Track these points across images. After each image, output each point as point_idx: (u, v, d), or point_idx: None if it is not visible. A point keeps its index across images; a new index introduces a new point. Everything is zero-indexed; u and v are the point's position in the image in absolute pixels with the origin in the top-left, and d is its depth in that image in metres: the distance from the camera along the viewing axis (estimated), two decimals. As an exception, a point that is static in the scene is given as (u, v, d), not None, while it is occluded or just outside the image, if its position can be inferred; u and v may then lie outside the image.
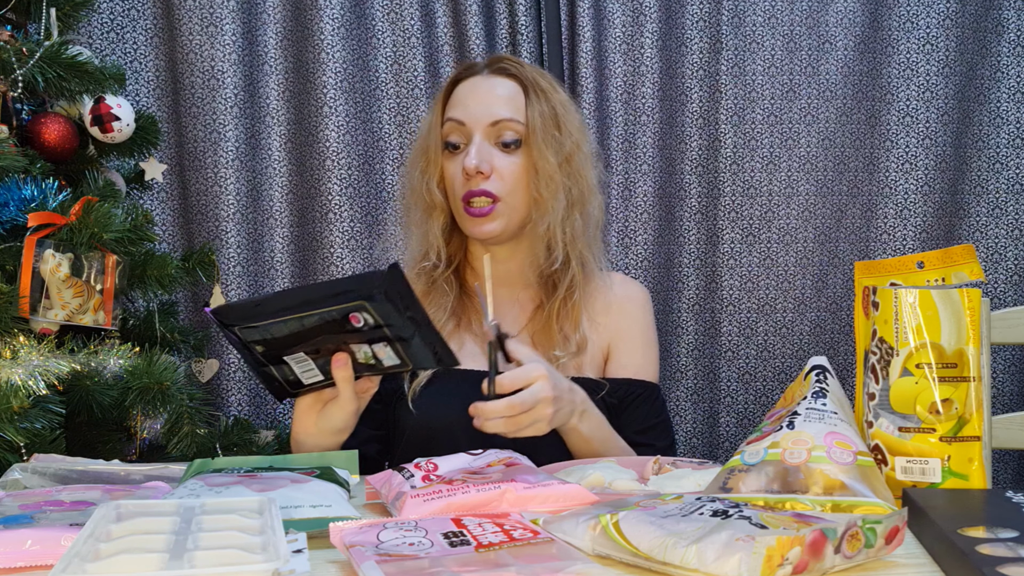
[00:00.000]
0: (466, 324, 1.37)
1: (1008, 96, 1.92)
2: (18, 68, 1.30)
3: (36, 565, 0.76)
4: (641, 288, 1.47)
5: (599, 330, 1.38)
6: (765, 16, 1.93)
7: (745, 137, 1.94)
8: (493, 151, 1.31)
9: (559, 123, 1.34)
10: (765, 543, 0.67)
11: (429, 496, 0.87)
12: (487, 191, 1.30)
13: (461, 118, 1.32)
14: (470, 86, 1.34)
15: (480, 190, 1.30)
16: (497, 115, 1.31)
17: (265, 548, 0.68)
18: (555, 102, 1.35)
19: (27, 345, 1.21)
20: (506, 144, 1.31)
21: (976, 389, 0.93)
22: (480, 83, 1.34)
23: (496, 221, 1.32)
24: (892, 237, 1.94)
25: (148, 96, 1.84)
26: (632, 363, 1.39)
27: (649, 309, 1.45)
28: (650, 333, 1.44)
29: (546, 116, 1.33)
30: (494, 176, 1.30)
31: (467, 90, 1.34)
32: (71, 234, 1.29)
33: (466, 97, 1.33)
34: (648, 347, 1.42)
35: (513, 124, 1.31)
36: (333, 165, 1.85)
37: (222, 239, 1.83)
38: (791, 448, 0.89)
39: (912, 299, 0.94)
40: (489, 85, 1.33)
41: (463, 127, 1.32)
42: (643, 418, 1.35)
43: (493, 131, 1.31)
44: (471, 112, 1.32)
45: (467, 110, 1.32)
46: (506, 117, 1.31)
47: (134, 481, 1.00)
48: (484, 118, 1.31)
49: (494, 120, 1.31)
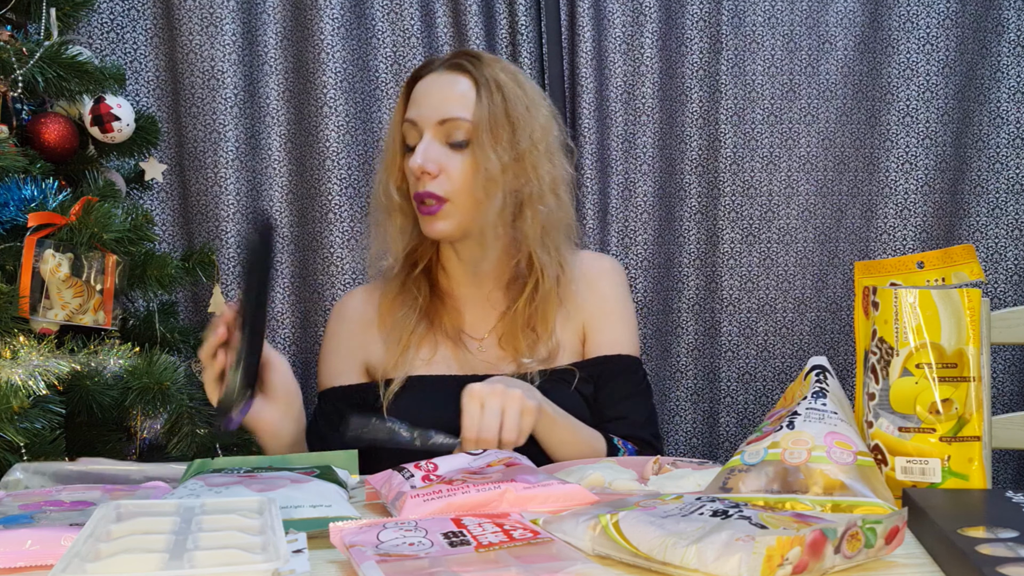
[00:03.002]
0: (439, 327, 1.35)
1: (1008, 96, 1.92)
2: (18, 68, 1.30)
3: (36, 565, 0.76)
4: (611, 261, 1.45)
5: (571, 315, 1.36)
6: (765, 16, 1.93)
7: (745, 137, 1.94)
8: (443, 151, 1.29)
9: (512, 120, 1.30)
10: (765, 543, 0.67)
11: (429, 496, 0.87)
12: (432, 193, 1.28)
13: (414, 118, 1.30)
14: (426, 85, 1.32)
15: (426, 192, 1.28)
16: (445, 113, 1.28)
17: (265, 548, 0.68)
18: (512, 97, 1.31)
19: (27, 345, 1.21)
20: (454, 144, 1.29)
21: (976, 389, 0.93)
22: (434, 81, 1.32)
23: (445, 221, 1.29)
24: (892, 237, 1.94)
25: (148, 96, 1.84)
26: (607, 339, 1.37)
27: (620, 280, 1.43)
28: (623, 304, 1.41)
29: (496, 114, 1.29)
30: (442, 176, 1.28)
31: (423, 89, 1.32)
32: (71, 234, 1.29)
33: (421, 96, 1.32)
34: (622, 319, 1.39)
35: (461, 123, 1.28)
36: (333, 165, 1.85)
37: (222, 239, 1.83)
38: (791, 448, 0.89)
39: (912, 299, 0.94)
40: (443, 82, 1.31)
41: (415, 127, 1.30)
42: (619, 390, 1.34)
43: (442, 130, 1.29)
44: (422, 111, 1.30)
45: (419, 109, 1.30)
46: (453, 116, 1.28)
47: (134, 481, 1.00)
48: (433, 116, 1.29)
49: (442, 119, 1.28)
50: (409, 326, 1.34)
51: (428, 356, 1.34)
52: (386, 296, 1.39)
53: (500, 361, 1.34)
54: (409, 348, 1.33)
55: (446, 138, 1.29)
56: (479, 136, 1.28)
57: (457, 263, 1.38)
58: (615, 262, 1.45)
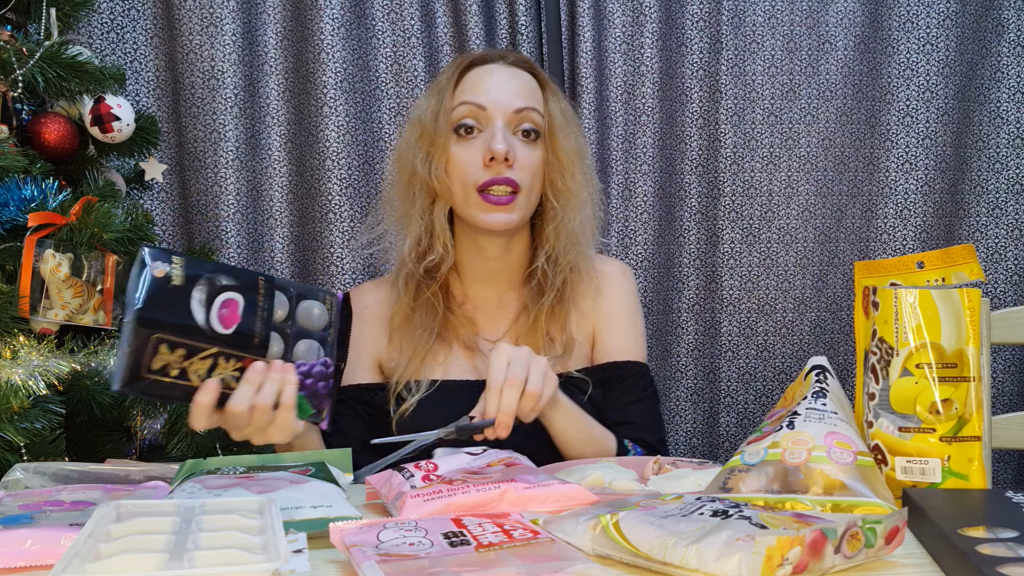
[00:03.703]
0: (454, 338, 1.34)
1: (1008, 96, 1.92)
2: (18, 68, 1.30)
3: (36, 565, 0.76)
4: (620, 265, 1.44)
5: (583, 318, 1.36)
6: (765, 16, 1.93)
7: (745, 137, 1.94)
8: (515, 140, 1.28)
9: (568, 125, 1.33)
10: (765, 543, 0.67)
11: (429, 496, 0.87)
12: (511, 179, 1.25)
13: (482, 102, 1.27)
14: (486, 72, 1.30)
15: (504, 178, 1.25)
16: (523, 103, 1.28)
17: (265, 548, 0.68)
18: (565, 105, 1.34)
19: (27, 345, 1.21)
20: (526, 133, 1.28)
21: (976, 389, 0.93)
22: (498, 70, 1.30)
23: (515, 212, 1.27)
24: (892, 237, 1.94)
25: (148, 96, 1.84)
26: (616, 345, 1.37)
27: (629, 286, 1.42)
28: (632, 311, 1.41)
29: (566, 113, 1.32)
30: (516, 165, 1.26)
31: (483, 75, 1.30)
32: (71, 234, 1.29)
33: (483, 82, 1.29)
34: (631, 326, 1.39)
35: (535, 115, 1.28)
36: (333, 165, 1.85)
37: (222, 239, 1.83)
38: (791, 448, 0.89)
39: (912, 299, 0.94)
40: (508, 74, 1.30)
41: (483, 111, 1.27)
42: (626, 395, 1.33)
43: (515, 119, 1.27)
44: (492, 97, 1.27)
45: (488, 95, 1.28)
46: (531, 106, 1.28)
47: (134, 481, 1.00)
48: (508, 104, 1.27)
49: (518, 108, 1.27)
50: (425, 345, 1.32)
51: (443, 360, 1.33)
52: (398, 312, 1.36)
53: None
54: (425, 361, 1.32)
55: (517, 126, 1.28)
56: (554, 130, 1.29)
57: (478, 260, 1.35)
58: (626, 267, 1.45)
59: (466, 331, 1.34)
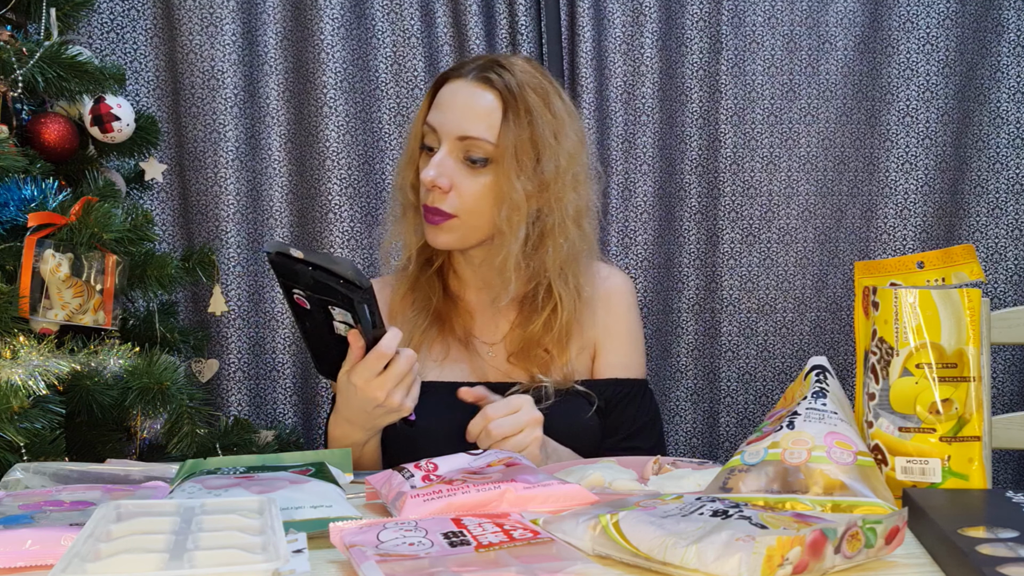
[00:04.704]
0: (449, 329, 1.35)
1: (1008, 96, 1.92)
2: (18, 68, 1.30)
3: (36, 565, 0.76)
4: (623, 279, 1.44)
5: (584, 331, 1.36)
6: (765, 16, 1.93)
7: (745, 137, 1.94)
8: (458, 167, 1.25)
9: (539, 146, 1.26)
10: (765, 543, 0.67)
11: (429, 496, 0.87)
12: (439, 209, 1.25)
13: (435, 124, 1.27)
14: (451, 90, 1.28)
15: (434, 207, 1.26)
16: (467, 131, 1.24)
17: (265, 548, 0.68)
18: (541, 121, 1.26)
19: (27, 345, 1.21)
20: (473, 161, 1.25)
21: (976, 389, 0.93)
22: (460, 90, 1.27)
23: (449, 234, 1.27)
24: (892, 237, 1.94)
25: (148, 96, 1.84)
26: (618, 361, 1.37)
27: (632, 301, 1.42)
28: (634, 327, 1.41)
29: (522, 139, 1.25)
30: (453, 193, 1.25)
31: (448, 94, 1.28)
32: (71, 234, 1.29)
33: (445, 103, 1.28)
34: (633, 342, 1.40)
35: (482, 144, 1.24)
36: (333, 165, 1.85)
37: (222, 239, 1.83)
38: (791, 448, 0.89)
39: (912, 299, 0.94)
40: (468, 94, 1.26)
41: (435, 134, 1.27)
42: (631, 420, 1.34)
43: (460, 146, 1.25)
44: (444, 121, 1.26)
45: (442, 117, 1.26)
46: (475, 136, 1.24)
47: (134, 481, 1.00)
48: (453, 130, 1.25)
49: (462, 135, 1.25)
50: (421, 325, 1.33)
51: (440, 358, 1.34)
52: (397, 292, 1.38)
53: (513, 370, 1.34)
54: (421, 348, 1.32)
55: (464, 153, 1.25)
56: (502, 161, 1.24)
57: (466, 267, 1.37)
58: (627, 280, 1.45)
59: (464, 323, 1.35)
